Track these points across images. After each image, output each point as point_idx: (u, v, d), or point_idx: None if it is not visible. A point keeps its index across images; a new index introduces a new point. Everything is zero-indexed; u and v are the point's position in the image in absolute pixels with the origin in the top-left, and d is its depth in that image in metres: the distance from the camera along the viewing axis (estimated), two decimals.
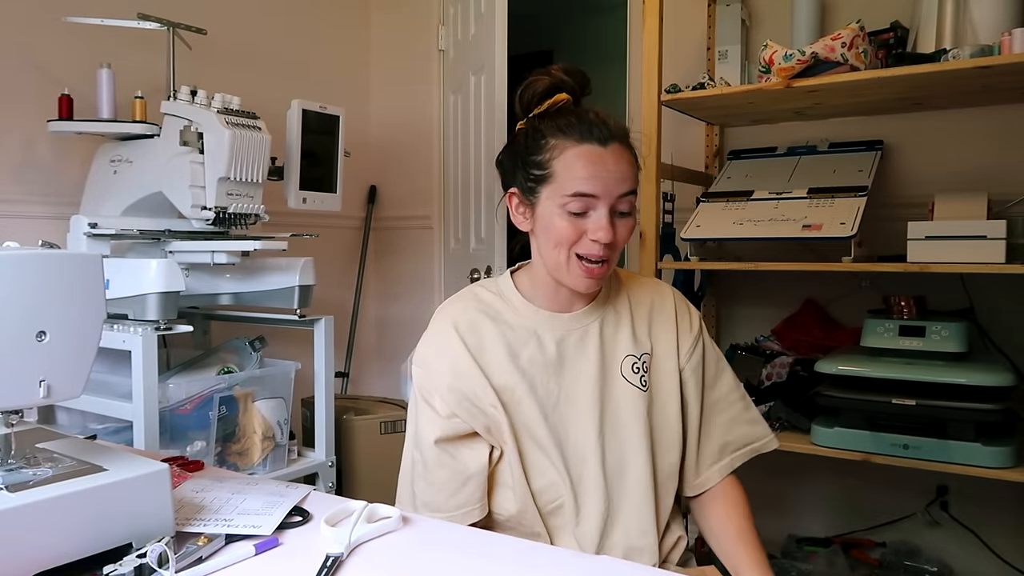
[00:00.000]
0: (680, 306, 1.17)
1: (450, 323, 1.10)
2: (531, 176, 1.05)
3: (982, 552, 1.98)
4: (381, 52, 3.06)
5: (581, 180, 1.00)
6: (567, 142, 1.01)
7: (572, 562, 0.81)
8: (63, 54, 2.04)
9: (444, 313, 1.13)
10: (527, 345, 1.09)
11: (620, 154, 1.02)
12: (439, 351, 1.09)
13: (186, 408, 1.78)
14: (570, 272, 1.04)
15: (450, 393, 1.06)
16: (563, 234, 1.02)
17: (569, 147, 1.01)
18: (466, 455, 1.07)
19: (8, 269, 0.74)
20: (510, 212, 1.10)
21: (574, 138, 1.01)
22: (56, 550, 0.72)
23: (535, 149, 1.04)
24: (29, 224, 2.00)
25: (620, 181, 1.01)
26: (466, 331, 1.09)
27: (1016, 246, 1.62)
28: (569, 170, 1.01)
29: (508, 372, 1.07)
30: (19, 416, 0.80)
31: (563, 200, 1.01)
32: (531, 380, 1.07)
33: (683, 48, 2.31)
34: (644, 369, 1.10)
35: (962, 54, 1.60)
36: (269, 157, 1.89)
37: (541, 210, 1.04)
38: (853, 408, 1.73)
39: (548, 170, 1.02)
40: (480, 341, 1.08)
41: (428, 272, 2.97)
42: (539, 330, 1.09)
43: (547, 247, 1.05)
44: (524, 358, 1.08)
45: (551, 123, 1.04)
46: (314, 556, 0.79)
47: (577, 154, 1.01)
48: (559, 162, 1.02)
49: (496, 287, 1.15)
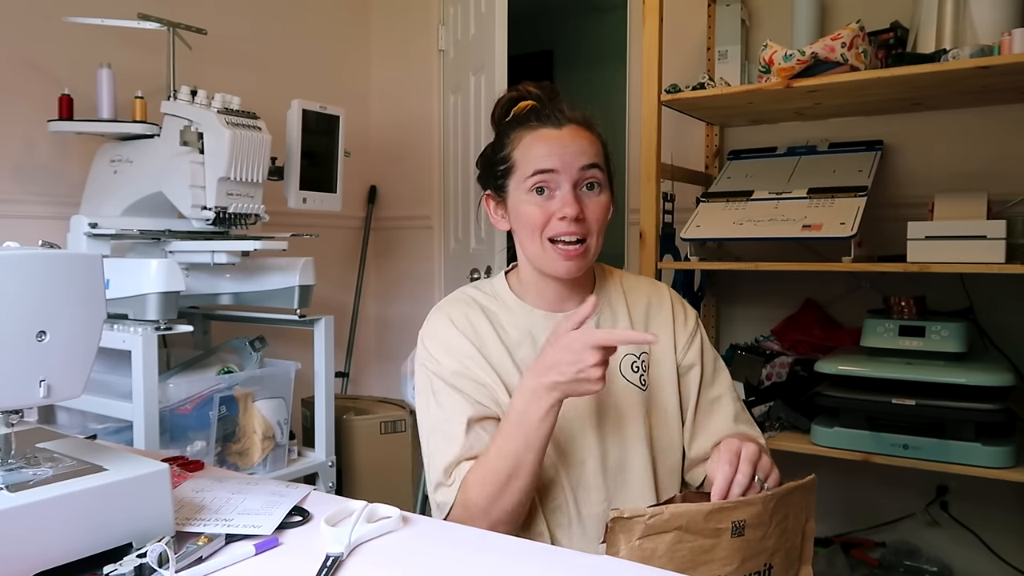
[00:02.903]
0: (677, 305, 1.17)
1: (448, 320, 1.11)
2: (497, 173, 1.09)
3: (982, 552, 1.98)
4: (381, 52, 3.06)
5: (539, 158, 1.04)
6: (524, 131, 1.07)
7: (572, 562, 0.81)
8: (63, 54, 2.04)
9: (440, 312, 1.13)
10: (521, 345, 1.09)
11: (577, 132, 1.06)
12: (447, 342, 1.09)
13: (186, 408, 1.78)
14: (547, 258, 1.05)
15: (467, 380, 1.06)
16: (532, 218, 1.04)
17: (526, 134, 1.06)
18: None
19: (8, 269, 0.74)
20: (490, 217, 1.14)
21: (530, 127, 1.06)
22: (56, 550, 0.72)
23: (498, 148, 1.10)
24: (29, 224, 2.00)
25: (579, 154, 1.04)
26: (464, 327, 1.09)
27: (1016, 246, 1.62)
28: (527, 153, 1.05)
29: (506, 371, 1.07)
30: (19, 416, 0.80)
31: (526, 183, 1.04)
32: None
33: (683, 48, 2.31)
34: (643, 368, 1.10)
35: (962, 54, 1.60)
36: (269, 157, 1.89)
37: (511, 202, 1.08)
38: (853, 408, 1.73)
39: (510, 162, 1.07)
40: (480, 338, 1.09)
41: (428, 272, 2.97)
42: (533, 330, 1.10)
43: (524, 238, 1.08)
44: (519, 358, 1.08)
45: (512, 123, 1.10)
46: (314, 556, 0.79)
47: (533, 138, 1.05)
48: (518, 150, 1.06)
49: (491, 288, 1.15)
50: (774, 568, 0.93)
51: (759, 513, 0.91)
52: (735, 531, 0.90)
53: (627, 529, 0.87)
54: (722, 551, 0.89)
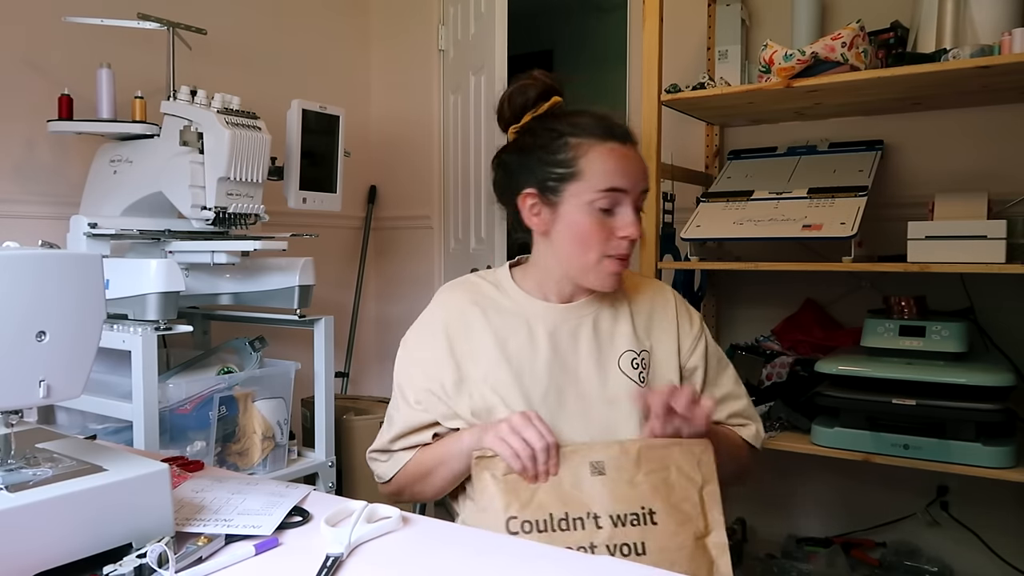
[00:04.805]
0: (680, 307, 1.19)
1: (440, 312, 1.14)
2: (553, 175, 1.05)
3: (982, 552, 1.98)
4: (381, 52, 3.06)
5: (613, 175, 1.03)
6: (590, 140, 1.04)
7: (572, 562, 0.81)
8: (63, 54, 2.04)
9: (437, 300, 1.17)
10: (516, 335, 1.10)
11: (636, 152, 1.07)
12: (419, 342, 1.16)
13: (186, 408, 1.78)
14: (598, 273, 1.06)
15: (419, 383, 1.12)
16: (592, 234, 1.04)
17: (594, 145, 1.04)
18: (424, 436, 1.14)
19: (8, 269, 0.74)
20: (522, 213, 1.10)
21: (597, 136, 1.05)
22: (56, 550, 0.72)
23: (556, 148, 1.06)
24: (29, 224, 2.00)
25: (642, 177, 1.06)
26: (454, 319, 1.12)
27: (1016, 246, 1.62)
28: (597, 166, 1.03)
29: (494, 361, 1.08)
30: (19, 416, 0.80)
31: (593, 196, 1.03)
32: (518, 369, 1.08)
33: (683, 48, 2.31)
34: (643, 366, 1.11)
35: (962, 54, 1.60)
36: (269, 157, 1.89)
37: (565, 209, 1.06)
38: (853, 408, 1.73)
39: (574, 168, 1.04)
40: (467, 330, 1.11)
41: (428, 272, 2.97)
42: (531, 320, 1.11)
43: (570, 249, 1.07)
44: (512, 347, 1.09)
45: (566, 123, 1.07)
46: (314, 556, 0.79)
47: (604, 151, 1.04)
48: (585, 160, 1.04)
49: (494, 277, 1.17)
50: (656, 514, 0.97)
51: (617, 456, 0.99)
52: (594, 470, 0.99)
53: (492, 466, 0.98)
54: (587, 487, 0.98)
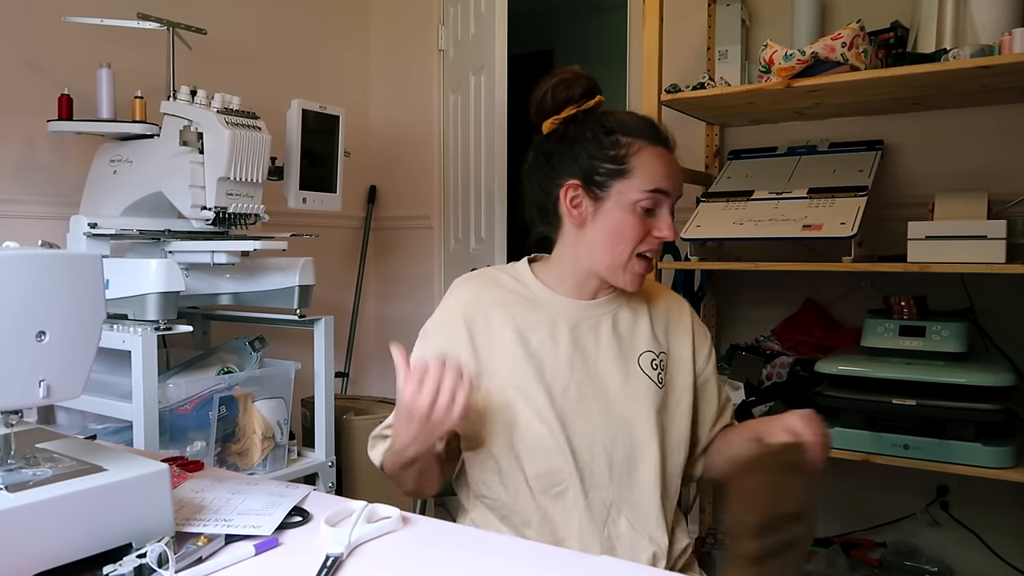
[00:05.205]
0: (695, 319, 1.22)
1: (460, 304, 1.12)
2: (602, 169, 1.07)
3: (982, 552, 1.98)
4: (381, 52, 3.06)
5: (661, 177, 1.06)
6: (643, 142, 1.08)
7: (572, 562, 0.81)
8: (63, 54, 2.04)
9: (457, 292, 1.15)
10: (538, 330, 1.10)
11: (677, 160, 1.12)
12: (439, 331, 1.13)
13: (186, 408, 1.78)
14: (628, 271, 1.08)
15: None
16: (632, 232, 1.06)
17: (647, 147, 1.08)
18: None
19: (8, 269, 0.74)
20: (560, 202, 1.10)
21: (648, 139, 1.08)
22: (56, 550, 0.72)
23: (609, 144, 1.08)
24: (29, 224, 2.00)
25: (680, 184, 1.11)
26: (474, 312, 1.10)
27: (1016, 246, 1.62)
28: (648, 167, 1.06)
29: (514, 355, 1.08)
30: (19, 416, 0.80)
31: (640, 196, 1.06)
32: (539, 364, 1.08)
33: (683, 48, 2.31)
34: (662, 367, 1.13)
35: (962, 54, 1.60)
36: (269, 157, 1.89)
37: (609, 206, 1.07)
38: (853, 408, 1.73)
39: (626, 165, 1.06)
40: (487, 324, 1.10)
41: (428, 272, 2.97)
42: (553, 315, 1.11)
43: (605, 244, 1.08)
44: (534, 342, 1.09)
45: (616, 122, 1.09)
46: (314, 556, 0.79)
47: (655, 154, 1.08)
48: (638, 159, 1.06)
49: (513, 271, 1.17)
50: None
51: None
52: None
53: None
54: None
